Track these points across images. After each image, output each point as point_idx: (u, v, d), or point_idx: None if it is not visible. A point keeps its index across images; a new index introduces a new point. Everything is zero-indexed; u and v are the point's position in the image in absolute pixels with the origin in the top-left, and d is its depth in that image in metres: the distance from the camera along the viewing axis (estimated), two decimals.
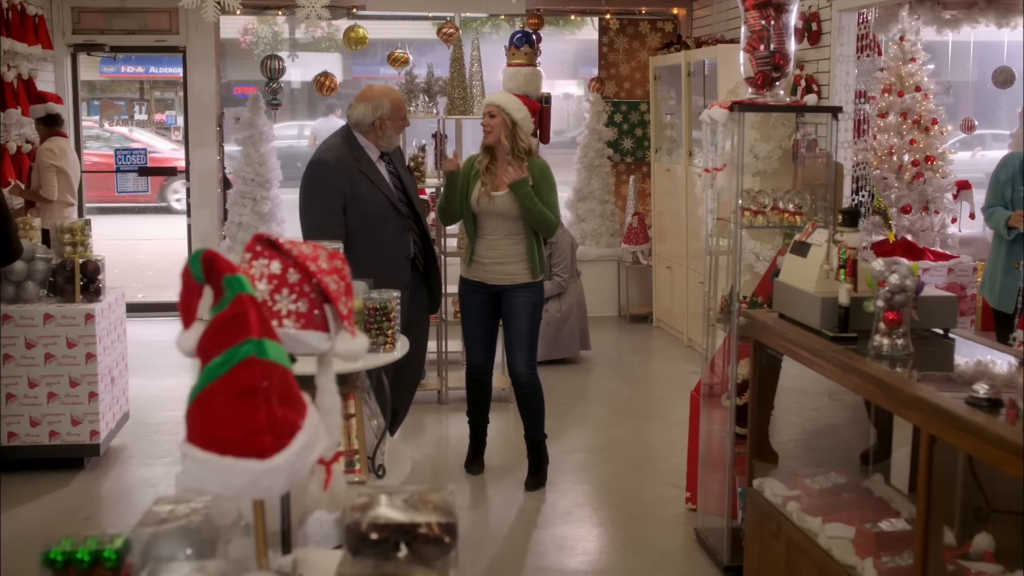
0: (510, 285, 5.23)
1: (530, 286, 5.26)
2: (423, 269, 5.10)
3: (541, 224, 5.18)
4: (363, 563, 1.80)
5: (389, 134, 4.91)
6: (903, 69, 7.85)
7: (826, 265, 3.63)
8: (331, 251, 1.96)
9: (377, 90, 4.97)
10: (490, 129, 5.17)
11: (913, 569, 2.99)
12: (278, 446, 1.70)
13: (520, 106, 5.22)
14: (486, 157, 5.24)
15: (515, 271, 5.23)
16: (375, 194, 4.82)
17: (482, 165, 5.23)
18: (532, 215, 5.13)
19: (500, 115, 5.14)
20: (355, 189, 4.77)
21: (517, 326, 5.25)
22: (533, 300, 5.27)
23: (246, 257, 1.91)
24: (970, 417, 2.70)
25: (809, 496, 3.89)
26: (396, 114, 4.91)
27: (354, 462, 4.07)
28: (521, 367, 5.29)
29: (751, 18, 4.31)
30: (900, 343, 3.34)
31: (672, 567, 4.53)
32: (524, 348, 5.27)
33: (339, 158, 4.80)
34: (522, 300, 5.24)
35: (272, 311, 1.87)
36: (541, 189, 5.17)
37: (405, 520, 1.80)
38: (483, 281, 5.28)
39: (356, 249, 4.67)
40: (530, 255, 5.23)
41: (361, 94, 4.94)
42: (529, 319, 5.26)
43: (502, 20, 10.38)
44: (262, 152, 9.58)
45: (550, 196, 5.22)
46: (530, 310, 5.26)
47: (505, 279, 5.23)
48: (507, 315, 5.29)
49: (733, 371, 4.38)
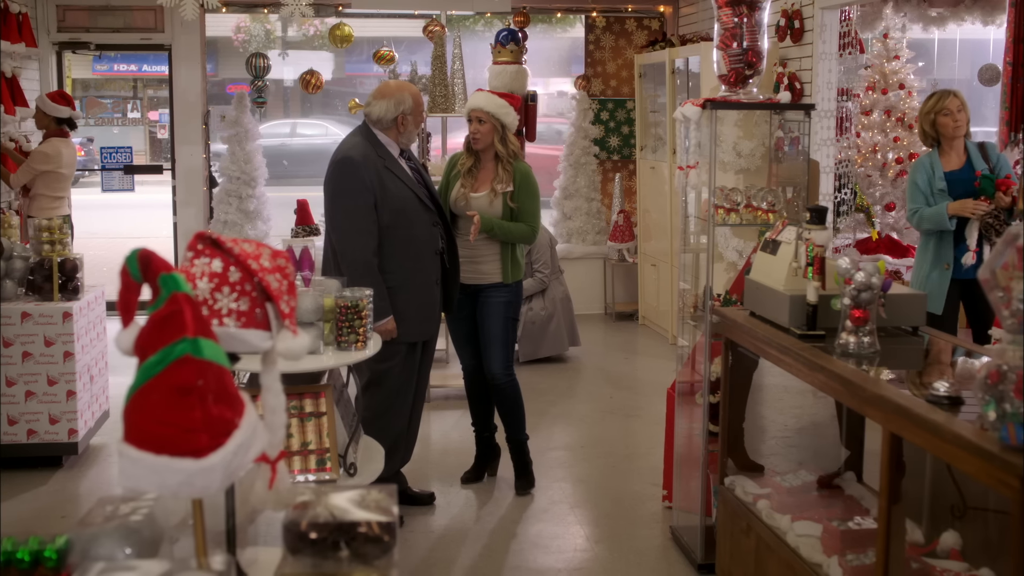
0: (484, 285, 5.16)
1: (503, 287, 5.18)
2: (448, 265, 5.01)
3: (518, 240, 5.17)
4: (302, 562, 1.80)
5: (410, 130, 4.83)
6: (887, 67, 7.85)
7: (794, 263, 3.64)
8: (275, 250, 1.96)
9: (395, 86, 4.90)
10: (479, 136, 5.10)
11: (875, 567, 2.99)
12: (214, 445, 1.69)
13: (508, 109, 5.14)
14: (469, 158, 5.18)
15: (488, 271, 5.16)
16: (403, 190, 4.74)
17: (464, 167, 5.17)
18: (508, 239, 5.11)
19: (490, 121, 5.08)
20: (384, 186, 4.69)
21: (489, 327, 5.19)
22: (505, 300, 5.19)
23: (188, 255, 1.90)
24: (928, 415, 2.70)
25: (779, 494, 3.90)
26: (417, 109, 4.85)
27: (325, 460, 4.06)
28: (496, 369, 5.20)
29: (724, 16, 4.31)
30: (866, 341, 3.34)
31: (647, 565, 4.53)
32: (498, 349, 5.19)
33: (365, 155, 4.71)
34: (494, 300, 5.17)
35: (213, 309, 1.86)
36: (521, 196, 5.11)
37: (344, 519, 1.80)
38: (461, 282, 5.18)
39: (389, 246, 4.68)
40: (503, 256, 5.16)
41: (379, 91, 4.85)
42: (502, 319, 5.18)
43: (490, 17, 10.37)
44: (248, 150, 9.57)
45: (530, 203, 5.16)
46: (502, 310, 5.18)
47: (478, 278, 5.16)
48: (480, 316, 5.21)
49: (706, 369, 4.37)
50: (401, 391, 4.85)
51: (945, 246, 5.41)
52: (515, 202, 5.10)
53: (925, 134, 5.55)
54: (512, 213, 5.10)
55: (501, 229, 5.06)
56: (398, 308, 4.68)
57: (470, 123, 5.15)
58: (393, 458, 4.71)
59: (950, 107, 5.37)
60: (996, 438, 2.45)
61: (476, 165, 5.16)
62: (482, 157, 5.15)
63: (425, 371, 5.09)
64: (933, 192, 5.39)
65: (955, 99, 5.39)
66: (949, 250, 5.39)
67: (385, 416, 4.76)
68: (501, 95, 5.19)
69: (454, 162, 5.27)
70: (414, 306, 4.73)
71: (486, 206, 5.08)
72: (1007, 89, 4.67)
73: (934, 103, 5.45)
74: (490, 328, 5.17)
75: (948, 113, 5.37)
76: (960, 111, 5.39)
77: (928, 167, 5.46)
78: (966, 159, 5.45)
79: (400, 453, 4.92)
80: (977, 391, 2.49)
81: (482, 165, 5.16)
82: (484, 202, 5.10)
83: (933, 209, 5.35)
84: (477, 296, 5.20)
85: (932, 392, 2.82)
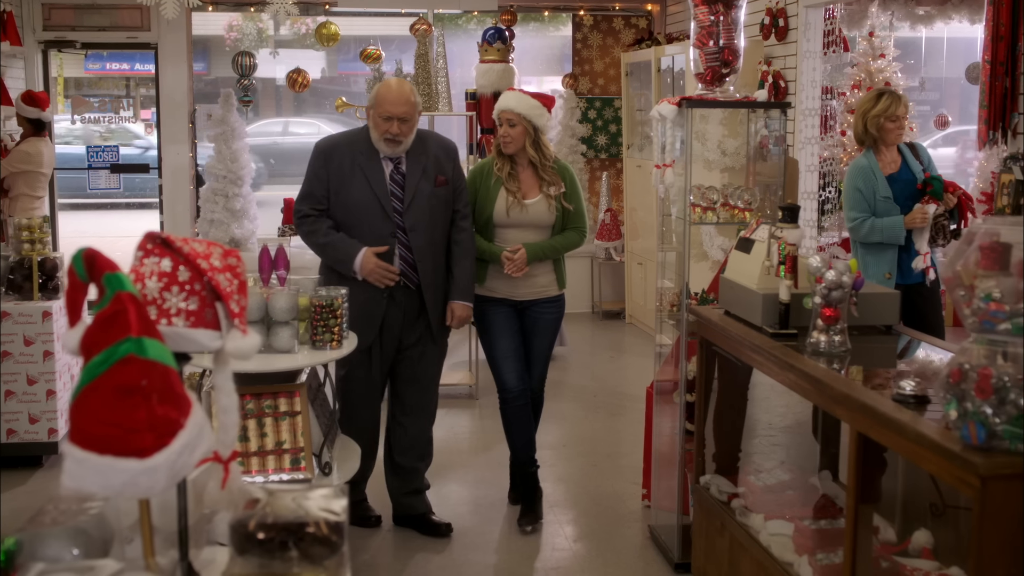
0: (539, 299, 4.84)
1: (557, 300, 4.91)
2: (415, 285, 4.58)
3: (569, 250, 4.92)
4: (250, 563, 1.79)
5: (372, 129, 4.48)
6: (872, 65, 7.84)
7: (767, 261, 3.63)
8: (226, 249, 1.95)
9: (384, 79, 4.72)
10: (510, 139, 4.71)
11: (843, 566, 2.98)
12: (158, 445, 1.69)
13: (541, 110, 4.74)
14: (505, 164, 4.78)
15: (545, 283, 4.84)
16: (363, 193, 4.46)
17: (504, 172, 4.76)
18: (560, 254, 4.87)
19: (521, 124, 4.69)
20: (343, 180, 4.47)
21: (539, 344, 4.91)
22: (557, 316, 4.95)
23: (138, 255, 1.90)
24: (893, 414, 2.70)
25: (753, 493, 3.90)
26: (377, 106, 4.43)
27: (299, 459, 4.06)
28: (537, 386, 4.99)
29: (700, 14, 4.31)
30: (837, 339, 3.34)
31: (624, 564, 4.53)
32: (543, 366, 4.99)
33: (336, 144, 4.56)
34: (548, 316, 4.89)
35: (162, 309, 1.86)
36: (573, 196, 4.82)
37: (293, 520, 1.79)
38: (509, 297, 4.82)
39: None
40: (557, 264, 4.89)
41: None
42: (551, 337, 4.95)
43: (478, 16, 10.36)
44: (234, 149, 9.54)
45: (580, 202, 4.86)
46: (554, 327, 4.95)
47: (535, 292, 4.82)
48: (531, 331, 4.88)
49: (682, 368, 4.37)
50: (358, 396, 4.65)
51: (885, 256, 5.15)
52: (568, 202, 4.80)
53: (865, 134, 5.24)
54: (564, 216, 4.81)
55: (553, 251, 4.79)
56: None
57: (500, 126, 4.74)
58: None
59: (900, 114, 5.14)
60: (958, 437, 2.45)
61: (514, 169, 4.78)
62: (517, 160, 4.78)
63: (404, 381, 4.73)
64: (877, 199, 5.14)
65: (903, 105, 5.18)
66: (890, 259, 5.13)
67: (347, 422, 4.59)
68: (534, 95, 4.78)
69: (485, 169, 4.85)
70: (355, 314, 4.36)
71: (545, 212, 4.74)
72: (986, 87, 4.66)
73: (884, 107, 5.15)
74: (540, 346, 4.92)
75: (896, 119, 5.14)
76: (905, 117, 5.21)
77: (869, 172, 5.21)
78: (901, 161, 5.25)
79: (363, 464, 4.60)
80: (939, 390, 2.49)
81: (520, 168, 4.79)
82: (542, 208, 4.75)
83: (888, 221, 5.09)
84: (528, 311, 4.87)
85: (898, 391, 2.82)
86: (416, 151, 4.52)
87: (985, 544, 2.39)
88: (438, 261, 4.62)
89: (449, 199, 4.61)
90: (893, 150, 5.26)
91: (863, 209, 5.17)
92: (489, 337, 4.87)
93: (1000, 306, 2.44)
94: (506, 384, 4.84)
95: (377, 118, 4.41)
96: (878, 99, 5.21)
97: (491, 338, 4.86)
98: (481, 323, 4.90)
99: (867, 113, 5.22)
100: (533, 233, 4.77)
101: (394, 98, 4.39)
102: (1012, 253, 2.53)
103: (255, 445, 4.04)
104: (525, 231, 4.76)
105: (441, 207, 4.59)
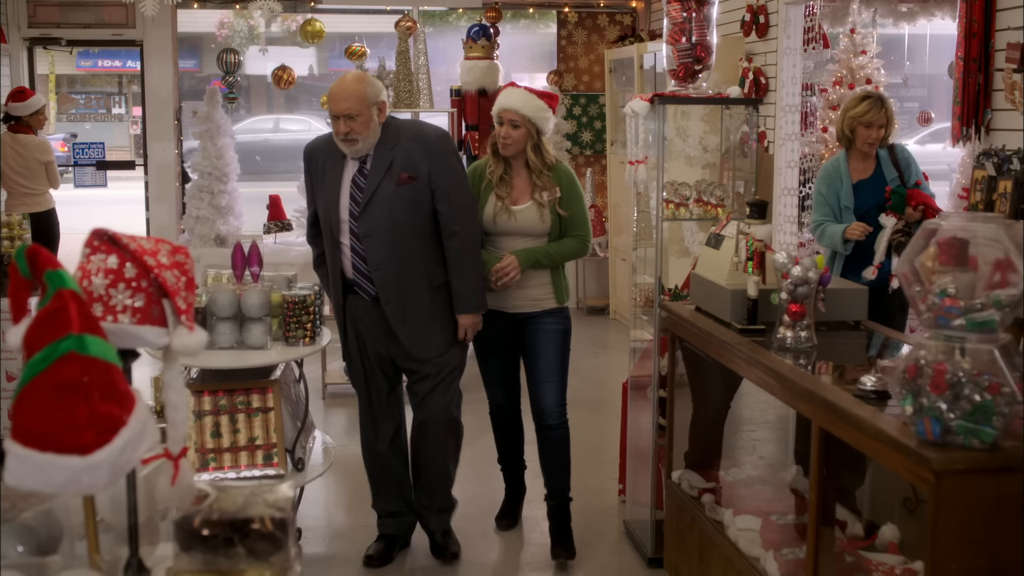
0: (535, 312, 4.39)
1: (557, 312, 4.43)
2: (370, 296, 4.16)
3: (569, 260, 4.48)
4: (194, 559, 1.80)
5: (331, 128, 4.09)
6: (854, 62, 7.86)
7: (735, 257, 3.64)
8: (174, 246, 1.95)
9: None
10: (511, 142, 4.27)
11: (805, 561, 3.00)
12: (100, 442, 1.69)
13: (546, 112, 4.30)
14: (499, 165, 4.34)
15: (541, 295, 4.38)
16: (325, 194, 4.15)
17: (495, 175, 4.33)
18: (558, 263, 4.41)
19: (525, 125, 4.26)
20: (319, 183, 4.21)
21: (545, 358, 4.41)
22: (562, 327, 4.45)
23: (85, 252, 1.90)
24: (853, 410, 2.71)
25: (724, 488, 3.91)
26: (329, 107, 4.07)
27: (272, 455, 4.07)
28: (551, 405, 4.45)
29: (672, 11, 4.32)
30: (804, 335, 3.36)
31: (599, 558, 4.53)
32: (555, 384, 4.46)
33: (315, 147, 4.24)
34: (549, 327, 4.41)
35: (108, 306, 1.86)
36: (570, 202, 4.35)
37: (238, 516, 1.80)
38: (502, 309, 4.37)
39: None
40: (555, 275, 4.40)
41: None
42: (559, 349, 4.45)
43: (461, 13, 10.37)
44: (220, 146, 9.54)
45: (580, 209, 4.40)
46: (559, 338, 4.44)
47: (529, 305, 4.37)
48: (531, 346, 4.43)
49: (655, 363, 4.39)
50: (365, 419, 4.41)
51: (851, 267, 4.87)
52: (564, 209, 4.34)
53: (843, 134, 5.03)
54: (562, 224, 4.35)
55: (548, 257, 4.32)
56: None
57: (500, 125, 4.30)
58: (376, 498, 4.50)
59: (876, 121, 4.89)
60: (914, 433, 2.47)
61: (507, 172, 4.35)
62: (513, 162, 4.35)
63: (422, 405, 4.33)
64: (840, 206, 4.93)
65: (884, 113, 4.92)
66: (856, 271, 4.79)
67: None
68: (539, 93, 4.33)
69: (479, 172, 4.41)
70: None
71: (536, 220, 4.29)
72: (959, 84, 4.67)
73: (861, 112, 4.91)
74: (546, 360, 4.42)
75: (870, 125, 4.88)
76: (882, 127, 4.92)
77: (835, 176, 4.99)
78: (876, 165, 5.00)
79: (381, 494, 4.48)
80: (895, 386, 2.51)
81: (515, 171, 4.35)
82: (532, 216, 4.30)
83: (831, 229, 4.89)
84: (524, 326, 4.42)
85: (860, 387, 2.84)
86: (385, 146, 4.07)
87: (939, 538, 2.40)
88: (408, 273, 4.12)
89: (420, 199, 4.08)
90: (870, 154, 5.01)
91: (824, 213, 4.97)
92: (479, 353, 4.56)
93: (955, 302, 2.45)
94: (495, 401, 4.69)
95: (330, 118, 4.06)
96: (860, 101, 5.00)
97: (480, 355, 4.56)
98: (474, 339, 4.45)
99: (846, 112, 5.02)
100: (524, 243, 4.32)
101: (335, 95, 4.01)
102: (969, 249, 2.55)
103: (228, 441, 4.05)
104: (515, 240, 4.33)
105: (404, 209, 4.05)
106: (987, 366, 2.40)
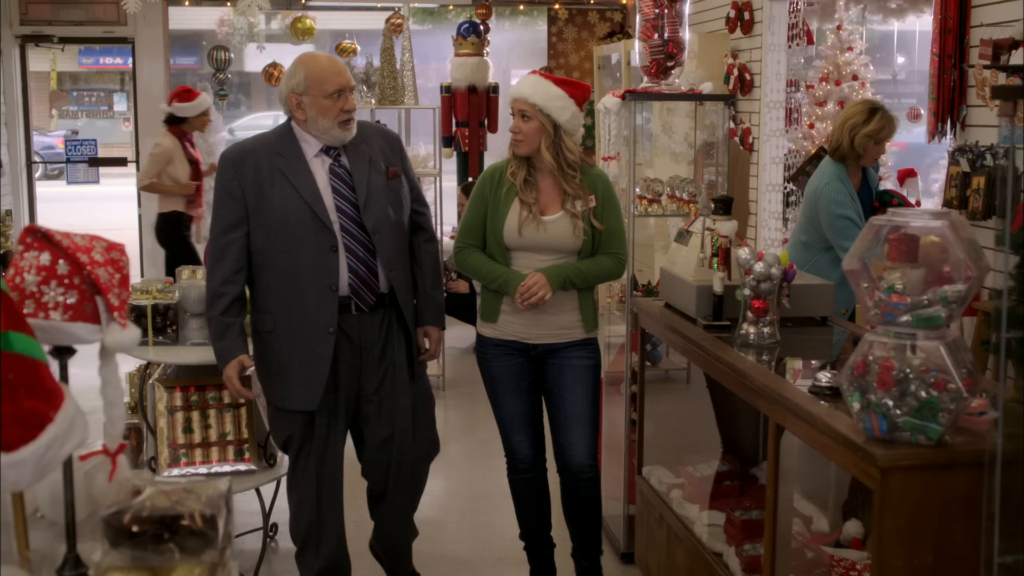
0: (561, 344, 3.76)
1: (585, 344, 3.79)
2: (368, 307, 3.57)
3: (605, 281, 3.97)
4: (123, 555, 1.81)
5: (314, 117, 3.46)
6: (840, 58, 7.85)
7: (701, 253, 3.65)
8: (110, 243, 1.96)
9: (296, 59, 3.57)
10: (522, 137, 3.66)
11: (763, 557, 3.01)
12: (25, 438, 1.70)
13: (564, 102, 3.64)
14: (521, 168, 3.71)
15: (568, 322, 3.74)
16: (291, 202, 3.46)
17: (518, 179, 3.70)
18: (592, 285, 3.80)
19: (537, 117, 3.63)
20: (262, 194, 3.47)
21: (574, 400, 3.76)
22: (592, 362, 3.81)
23: (19, 249, 1.91)
24: (805, 406, 2.72)
25: (692, 484, 3.92)
26: (316, 87, 3.46)
27: (243, 451, 4.08)
28: (582, 458, 3.79)
29: (645, 7, 4.32)
30: (767, 331, 3.36)
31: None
32: (586, 430, 3.79)
33: (248, 150, 3.53)
34: (578, 363, 3.77)
35: (40, 303, 1.87)
36: (607, 214, 3.73)
37: (168, 512, 1.81)
38: (522, 339, 3.76)
39: (265, 275, 3.53)
40: (583, 299, 3.77)
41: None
42: (591, 390, 3.80)
43: (454, 9, 10.37)
44: (210, 143, 9.55)
45: (617, 221, 3.78)
46: (590, 375, 3.79)
47: (555, 335, 3.74)
48: (557, 385, 3.78)
49: (627, 358, 4.40)
50: (304, 473, 3.65)
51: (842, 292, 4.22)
52: (600, 221, 3.72)
53: (850, 150, 4.61)
54: (595, 239, 3.74)
55: (580, 277, 3.68)
56: (279, 361, 3.54)
57: (512, 117, 3.73)
58: (304, 557, 3.75)
59: (888, 137, 4.65)
60: (861, 429, 2.47)
61: (531, 175, 3.72)
62: (537, 164, 3.72)
63: (370, 457, 3.75)
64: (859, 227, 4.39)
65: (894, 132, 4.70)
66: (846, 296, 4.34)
67: (290, 500, 3.73)
68: (561, 82, 3.69)
69: (497, 174, 3.78)
70: (296, 362, 3.51)
71: (568, 234, 3.67)
72: (934, 80, 4.66)
73: (877, 127, 4.58)
74: (575, 402, 3.77)
75: (881, 142, 4.63)
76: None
77: (849, 197, 4.58)
78: (862, 180, 4.77)
79: (313, 552, 3.72)
80: (843, 382, 2.51)
81: (540, 175, 3.72)
82: (564, 228, 3.67)
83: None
84: (546, 360, 3.80)
85: (815, 383, 2.84)
86: (354, 141, 3.59)
87: (886, 534, 2.41)
88: (407, 273, 3.69)
89: (404, 197, 3.70)
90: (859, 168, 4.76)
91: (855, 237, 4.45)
92: (493, 393, 3.88)
93: (901, 298, 2.46)
94: (517, 454, 3.90)
95: (321, 101, 3.46)
96: (871, 116, 4.60)
97: (495, 395, 3.88)
98: (485, 372, 3.89)
99: (856, 127, 4.59)
100: (550, 260, 3.69)
101: (338, 68, 3.52)
102: (920, 245, 2.55)
103: (199, 437, 4.07)
104: (543, 256, 3.69)
105: (398, 204, 3.65)
106: (933, 362, 2.41)
